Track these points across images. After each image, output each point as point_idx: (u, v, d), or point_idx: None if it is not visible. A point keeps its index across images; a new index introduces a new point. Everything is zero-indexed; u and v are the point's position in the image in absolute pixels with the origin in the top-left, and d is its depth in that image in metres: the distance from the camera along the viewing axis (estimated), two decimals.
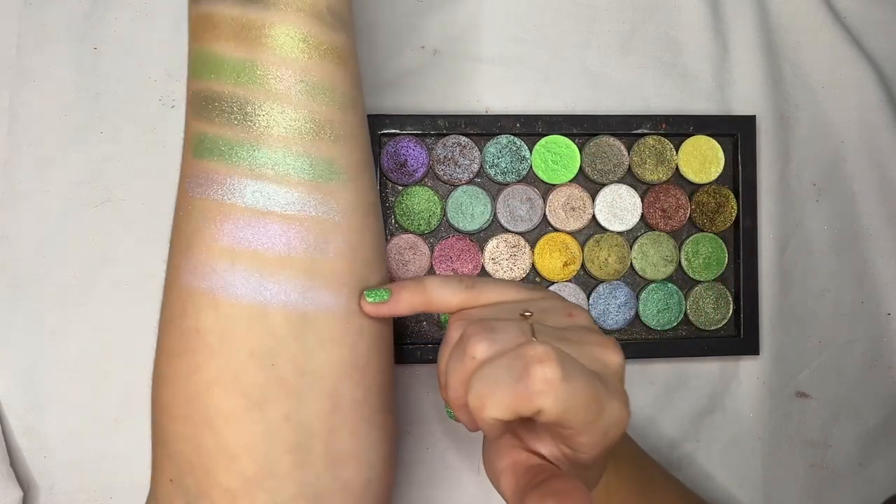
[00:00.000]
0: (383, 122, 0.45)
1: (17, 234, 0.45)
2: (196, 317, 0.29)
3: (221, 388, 0.29)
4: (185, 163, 0.31)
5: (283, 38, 0.29)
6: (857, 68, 0.50)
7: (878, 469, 0.50)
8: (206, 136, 0.30)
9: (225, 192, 0.29)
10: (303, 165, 0.30)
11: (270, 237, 0.29)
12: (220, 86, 0.29)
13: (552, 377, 0.26)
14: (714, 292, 0.48)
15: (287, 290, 0.29)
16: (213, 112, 0.30)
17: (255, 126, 0.29)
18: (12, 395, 0.45)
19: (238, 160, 0.29)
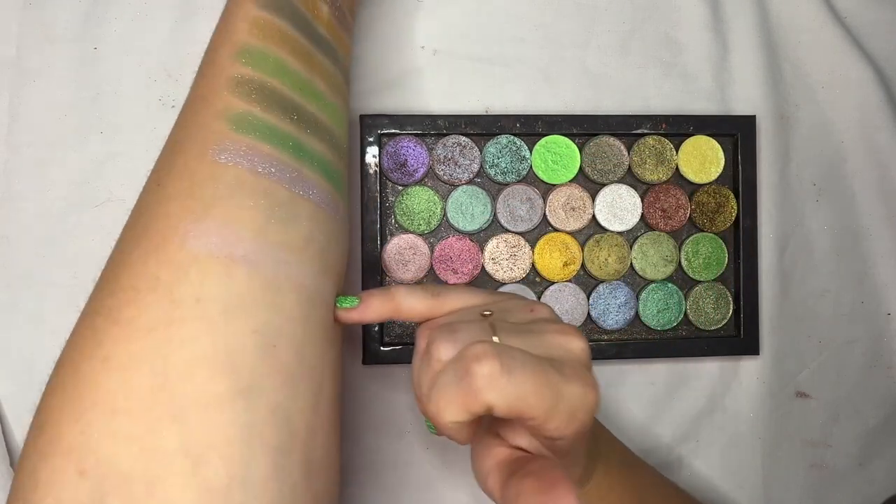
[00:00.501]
0: (383, 122, 0.45)
1: (17, 234, 0.45)
2: (200, 284, 0.26)
3: (208, 368, 0.25)
4: (213, 134, 0.29)
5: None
6: (857, 68, 0.50)
7: (878, 469, 0.50)
8: (253, 116, 0.30)
9: (266, 168, 0.29)
10: (331, 171, 0.32)
11: (302, 220, 0.30)
12: (282, 87, 0.31)
13: (491, 372, 0.27)
14: (714, 292, 0.48)
15: (306, 272, 0.29)
16: (270, 102, 0.30)
17: (303, 129, 0.31)
18: (12, 395, 0.45)
19: (285, 147, 0.30)
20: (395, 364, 0.46)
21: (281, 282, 0.28)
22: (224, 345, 0.26)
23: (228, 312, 0.26)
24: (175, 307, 0.25)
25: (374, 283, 0.45)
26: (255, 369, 0.26)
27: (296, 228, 0.29)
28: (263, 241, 0.28)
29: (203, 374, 0.25)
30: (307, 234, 0.30)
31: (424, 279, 0.46)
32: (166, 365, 0.25)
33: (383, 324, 0.46)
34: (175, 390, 0.24)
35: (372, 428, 0.47)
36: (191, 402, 0.24)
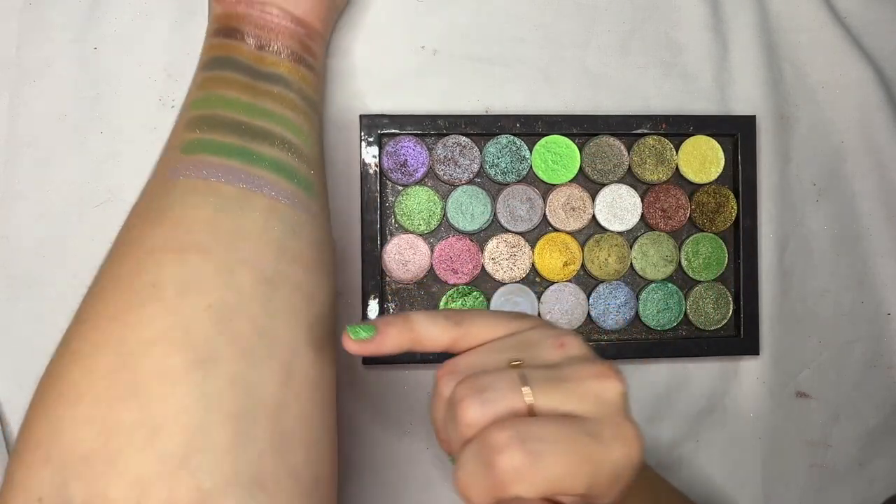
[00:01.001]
0: (383, 122, 0.45)
1: (17, 234, 0.45)
2: (157, 271, 0.28)
3: (166, 344, 0.26)
4: (169, 161, 0.34)
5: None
6: (857, 68, 0.50)
7: (878, 469, 0.50)
8: (198, 139, 0.33)
9: (213, 173, 0.32)
10: (290, 172, 0.35)
11: (254, 211, 0.32)
12: (225, 113, 0.35)
13: (517, 465, 0.25)
14: (714, 292, 0.48)
15: (259, 258, 0.30)
16: (213, 125, 0.34)
17: (250, 139, 0.34)
18: (12, 395, 0.45)
19: (231, 155, 0.33)
20: (395, 364, 0.46)
21: (233, 264, 0.29)
22: (179, 321, 0.27)
23: (182, 292, 0.28)
24: (133, 294, 0.28)
25: (374, 283, 0.45)
26: (210, 341, 0.27)
27: (248, 218, 0.31)
28: (213, 230, 0.30)
29: (159, 351, 0.26)
30: (261, 224, 0.32)
31: (424, 279, 0.46)
32: (124, 346, 0.26)
33: None
34: (133, 368, 0.26)
35: (372, 428, 0.47)
36: (148, 378, 0.25)
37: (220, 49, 0.38)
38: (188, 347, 0.26)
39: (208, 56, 0.39)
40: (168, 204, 0.32)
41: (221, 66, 0.37)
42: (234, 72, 0.37)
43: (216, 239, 0.30)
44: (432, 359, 0.46)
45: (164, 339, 0.26)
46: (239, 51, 0.38)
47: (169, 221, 0.31)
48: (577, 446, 0.26)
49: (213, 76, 0.37)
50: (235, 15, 0.38)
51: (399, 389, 0.47)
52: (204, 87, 0.37)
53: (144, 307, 0.27)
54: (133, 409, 0.25)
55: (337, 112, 0.47)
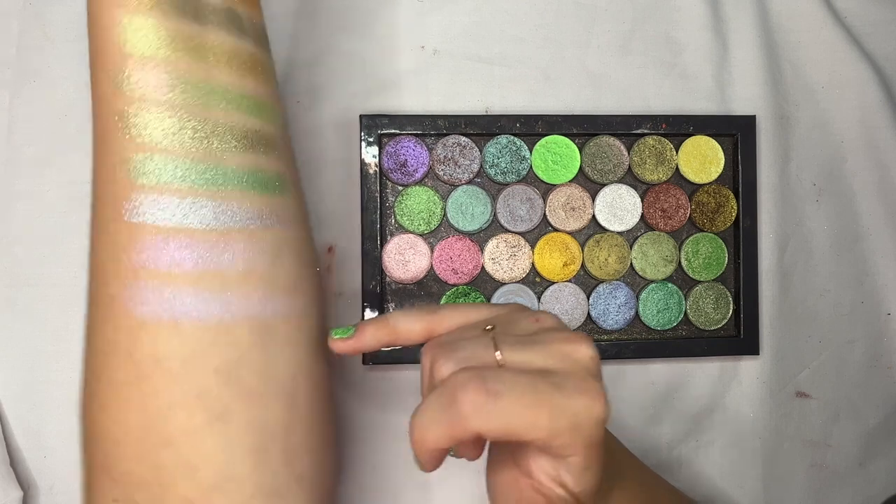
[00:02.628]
0: (383, 122, 0.45)
1: (17, 234, 0.45)
2: (153, 345, 0.28)
3: (183, 408, 0.28)
4: (113, 192, 0.29)
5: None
6: (857, 68, 0.50)
7: (878, 469, 0.50)
8: (145, 157, 0.29)
9: (185, 213, 0.29)
10: (261, 178, 0.31)
11: (237, 254, 0.29)
12: (175, 105, 0.29)
13: (475, 398, 0.26)
14: (714, 292, 0.48)
15: (251, 303, 0.30)
16: (139, 128, 0.29)
17: (213, 150, 0.29)
18: (12, 395, 0.45)
19: (182, 181, 0.29)
20: (394, 364, 0.46)
21: (228, 323, 0.29)
22: (190, 388, 0.29)
23: (186, 363, 0.28)
24: (138, 367, 0.28)
25: (374, 283, 0.45)
26: (222, 399, 0.29)
27: (231, 266, 0.29)
28: (199, 295, 0.29)
29: (180, 414, 0.28)
30: (244, 266, 0.30)
31: (424, 279, 0.46)
32: (147, 410, 0.28)
33: None
34: (160, 427, 0.28)
35: (372, 428, 0.47)
36: (176, 434, 0.28)
37: None
38: (205, 408, 0.29)
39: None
40: (139, 259, 0.29)
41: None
42: (146, 11, 0.28)
43: (204, 302, 0.29)
44: None
45: (180, 404, 0.28)
46: None
47: (146, 285, 0.28)
48: (537, 391, 0.27)
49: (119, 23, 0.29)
50: None
51: (399, 389, 0.47)
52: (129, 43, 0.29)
53: (153, 378, 0.28)
54: (171, 455, 0.29)
55: (337, 112, 0.47)
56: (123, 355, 0.29)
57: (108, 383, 0.29)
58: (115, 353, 0.29)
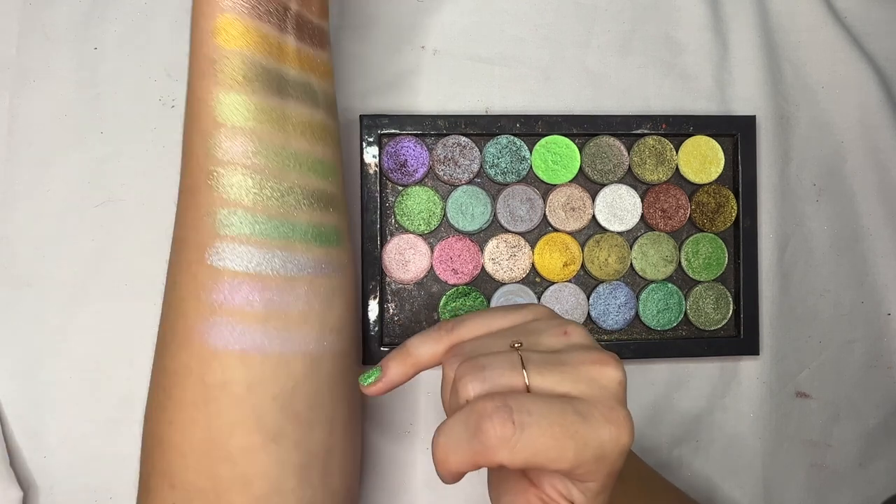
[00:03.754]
0: (383, 122, 0.45)
1: (17, 234, 0.45)
2: (223, 373, 0.32)
3: (243, 428, 0.32)
4: (199, 238, 0.33)
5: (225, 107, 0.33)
6: (857, 68, 0.50)
7: (878, 469, 0.50)
8: (230, 211, 0.33)
9: (259, 262, 0.33)
10: (325, 233, 0.35)
11: (299, 298, 0.33)
12: (257, 173, 0.33)
13: (502, 433, 0.26)
14: (714, 292, 0.48)
15: (307, 340, 0.34)
16: (225, 187, 0.33)
17: (290, 206, 0.33)
18: (12, 395, 0.45)
19: (270, 236, 0.33)
20: None
21: (288, 356, 0.33)
22: (251, 411, 0.32)
23: (251, 389, 0.32)
24: (208, 389, 0.32)
25: (374, 283, 0.45)
26: (277, 423, 0.33)
27: (294, 307, 0.33)
28: (266, 331, 0.32)
29: (240, 433, 0.32)
30: (304, 308, 0.34)
31: (424, 279, 0.46)
32: (211, 428, 0.32)
33: (383, 324, 0.46)
34: (222, 444, 0.32)
35: (372, 428, 0.47)
36: (235, 451, 0.32)
37: (219, 32, 0.33)
38: (262, 429, 0.32)
39: (206, 50, 0.34)
40: (217, 299, 0.32)
41: (221, 73, 0.33)
42: (238, 89, 0.33)
43: (269, 338, 0.32)
44: None
45: (241, 425, 0.32)
46: (232, 35, 0.33)
47: (222, 321, 0.32)
48: (564, 421, 0.27)
49: (219, 98, 0.33)
50: None
51: (399, 389, 0.47)
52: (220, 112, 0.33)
53: (220, 401, 0.32)
54: (228, 468, 0.32)
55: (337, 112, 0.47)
56: (195, 379, 0.32)
57: (178, 402, 0.33)
58: (187, 376, 0.32)
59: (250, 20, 0.32)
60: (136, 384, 0.45)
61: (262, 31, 0.33)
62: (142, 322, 0.45)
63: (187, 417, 0.32)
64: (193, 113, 0.33)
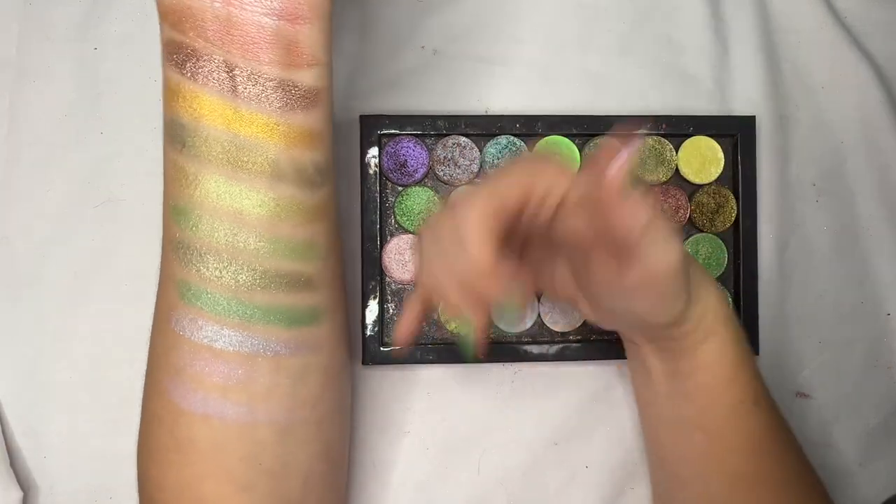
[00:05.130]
0: (383, 122, 0.45)
1: (17, 234, 0.45)
2: (188, 429, 0.32)
3: (213, 480, 0.32)
4: (167, 299, 0.33)
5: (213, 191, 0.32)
6: (857, 68, 0.50)
7: (878, 469, 0.50)
8: (189, 284, 0.32)
9: (214, 337, 0.32)
10: (292, 315, 0.33)
11: (261, 375, 0.33)
12: (180, 232, 0.33)
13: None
14: None
15: (273, 412, 0.33)
16: (191, 263, 0.32)
17: (247, 288, 0.32)
18: (12, 395, 0.45)
19: (228, 314, 0.32)
20: (394, 364, 0.46)
21: (251, 424, 0.33)
22: (219, 466, 0.33)
23: (216, 448, 0.32)
24: (177, 442, 0.33)
25: (374, 283, 0.45)
26: (247, 476, 0.33)
27: (257, 383, 0.33)
28: (227, 401, 0.32)
29: (211, 483, 0.33)
30: (269, 384, 0.33)
31: None
32: (183, 474, 0.33)
33: (383, 324, 0.46)
34: (195, 488, 0.33)
35: (372, 428, 0.47)
36: (208, 495, 0.33)
37: (177, 99, 0.31)
38: (232, 480, 0.33)
39: (166, 116, 0.33)
40: (179, 363, 0.33)
41: (184, 145, 0.31)
42: (206, 167, 0.31)
43: (230, 408, 0.32)
44: (432, 359, 0.46)
45: (211, 476, 0.32)
46: (202, 108, 0.31)
47: (184, 384, 0.32)
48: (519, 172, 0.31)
49: (184, 170, 0.32)
50: (181, 8, 0.30)
51: (399, 389, 0.47)
52: (179, 184, 0.32)
53: (188, 454, 0.32)
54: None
55: (337, 112, 0.47)
56: (166, 429, 0.33)
57: (155, 442, 0.34)
58: (160, 424, 0.33)
59: (197, 87, 0.31)
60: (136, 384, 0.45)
61: (222, 102, 0.31)
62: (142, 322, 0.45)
63: (163, 459, 0.33)
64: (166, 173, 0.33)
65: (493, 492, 0.47)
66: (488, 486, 0.47)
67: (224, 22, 0.30)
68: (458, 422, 0.47)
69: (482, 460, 0.47)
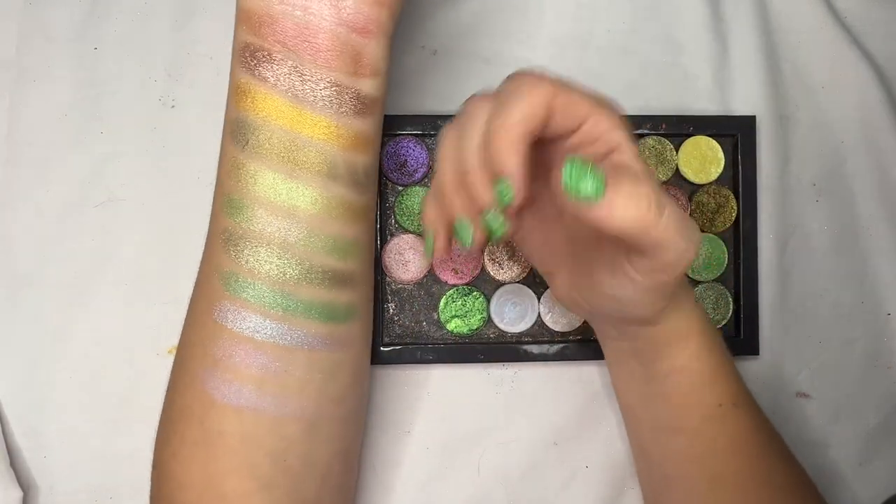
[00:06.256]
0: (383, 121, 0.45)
1: (17, 234, 0.45)
2: (219, 422, 0.33)
3: (237, 475, 0.33)
4: (210, 290, 0.34)
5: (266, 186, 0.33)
6: (857, 68, 0.50)
7: (878, 469, 0.50)
8: (237, 275, 0.33)
9: (257, 328, 0.33)
10: (329, 311, 0.34)
11: (297, 369, 0.34)
12: (265, 239, 0.33)
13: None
14: (714, 292, 0.48)
15: (303, 407, 0.34)
16: (241, 254, 0.33)
17: (293, 282, 0.33)
18: (12, 395, 0.45)
19: (273, 307, 0.33)
20: (395, 364, 0.46)
21: (283, 419, 0.34)
22: (244, 461, 0.33)
23: (244, 442, 0.33)
24: (206, 434, 0.33)
25: (374, 283, 0.45)
26: (269, 474, 0.33)
27: (291, 376, 0.34)
28: (262, 394, 0.33)
29: (234, 479, 0.33)
30: (303, 377, 0.34)
31: (424, 279, 0.46)
32: (208, 469, 0.33)
33: (383, 324, 0.46)
34: (217, 485, 0.33)
35: (372, 428, 0.47)
36: (231, 494, 0.33)
37: (245, 99, 0.33)
38: (255, 477, 0.33)
39: (231, 114, 0.34)
40: (217, 354, 0.33)
41: (247, 143, 0.33)
42: (267, 163, 0.33)
43: (264, 401, 0.33)
44: (432, 359, 0.46)
45: (236, 472, 0.33)
46: (269, 108, 0.33)
47: (221, 375, 0.33)
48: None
49: (244, 166, 0.33)
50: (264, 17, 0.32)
51: (399, 389, 0.47)
52: (237, 179, 0.33)
53: (216, 447, 0.33)
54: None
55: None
56: (196, 421, 0.33)
57: (181, 438, 0.34)
58: (189, 416, 0.34)
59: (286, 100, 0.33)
60: (136, 384, 0.45)
61: (303, 112, 0.33)
62: (142, 322, 0.45)
63: (188, 454, 0.34)
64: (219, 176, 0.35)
65: (493, 492, 0.47)
66: (488, 486, 0.47)
67: (303, 29, 0.32)
68: (458, 422, 0.47)
69: (482, 460, 0.47)
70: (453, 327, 0.46)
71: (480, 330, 0.47)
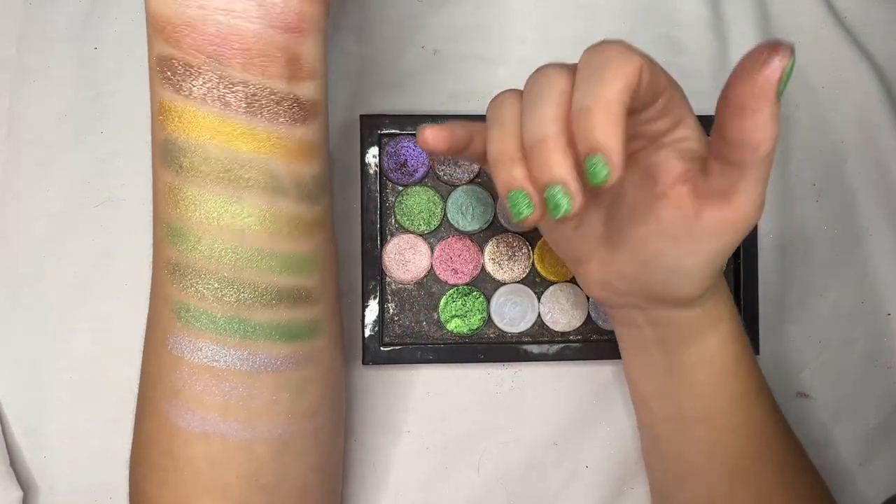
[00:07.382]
0: (383, 122, 0.45)
1: (17, 234, 0.45)
2: (185, 448, 0.32)
3: (209, 498, 0.32)
4: (162, 322, 0.32)
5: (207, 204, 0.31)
6: (857, 68, 0.50)
7: (878, 469, 0.50)
8: (187, 305, 0.32)
9: (215, 357, 0.31)
10: (292, 330, 0.33)
11: (262, 392, 0.32)
12: (210, 265, 0.32)
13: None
14: None
15: (272, 428, 0.33)
16: (189, 284, 0.32)
17: (247, 305, 0.32)
18: (12, 395, 0.45)
19: (229, 333, 0.31)
20: (395, 364, 0.46)
21: (250, 440, 0.33)
22: (215, 483, 0.32)
23: (213, 466, 0.32)
24: (174, 460, 0.32)
25: (374, 283, 0.45)
26: (243, 495, 0.33)
27: (257, 400, 0.32)
28: (228, 419, 0.32)
29: (206, 500, 0.32)
30: (269, 399, 0.33)
31: (424, 279, 0.46)
32: (179, 493, 0.33)
33: (383, 324, 0.46)
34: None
35: (372, 428, 0.47)
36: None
37: (171, 118, 0.31)
38: (229, 498, 0.33)
39: (158, 136, 0.32)
40: (177, 385, 0.32)
41: (180, 167, 0.31)
42: (204, 186, 0.30)
43: (230, 426, 0.32)
44: (432, 359, 0.46)
45: (207, 494, 0.32)
46: (199, 127, 0.30)
47: (182, 405, 0.32)
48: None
49: (181, 191, 0.31)
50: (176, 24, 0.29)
51: (399, 389, 0.47)
52: (174, 205, 0.31)
53: (185, 472, 0.32)
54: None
55: (337, 112, 0.47)
56: (164, 447, 0.33)
57: (150, 462, 0.33)
58: (157, 443, 0.33)
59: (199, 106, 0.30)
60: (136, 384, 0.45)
61: (220, 118, 0.30)
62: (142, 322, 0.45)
63: (158, 478, 0.33)
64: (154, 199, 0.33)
65: (493, 492, 0.47)
66: (488, 486, 0.47)
67: (227, 35, 0.29)
68: (458, 422, 0.47)
69: (482, 460, 0.47)
70: (453, 327, 0.46)
71: (480, 330, 0.47)
